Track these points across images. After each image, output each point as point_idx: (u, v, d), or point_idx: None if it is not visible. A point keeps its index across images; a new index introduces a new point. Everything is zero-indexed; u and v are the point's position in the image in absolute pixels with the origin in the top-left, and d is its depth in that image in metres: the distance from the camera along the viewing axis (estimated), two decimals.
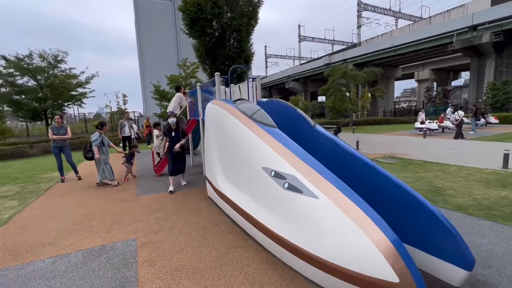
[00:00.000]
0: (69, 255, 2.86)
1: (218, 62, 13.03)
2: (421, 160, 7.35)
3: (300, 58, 55.97)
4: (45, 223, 3.77)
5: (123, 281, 2.36)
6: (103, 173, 5.71)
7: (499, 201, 3.93)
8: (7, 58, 12.81)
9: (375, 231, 1.92)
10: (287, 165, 2.66)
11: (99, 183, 5.77)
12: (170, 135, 5.11)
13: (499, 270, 2.33)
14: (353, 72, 18.28)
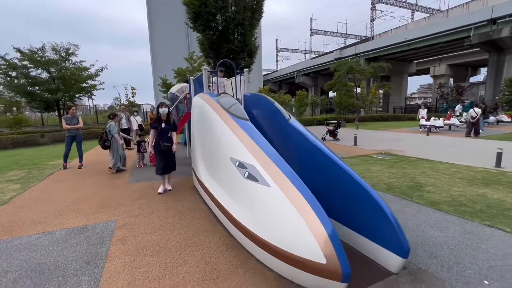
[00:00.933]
0: (54, 232, 3.17)
1: (221, 56, 13.16)
2: (415, 157, 7.30)
3: (311, 52, 55.13)
4: (40, 204, 4.13)
5: (95, 256, 2.63)
6: (118, 160, 6.10)
7: (474, 198, 3.94)
8: (21, 51, 13.46)
9: (313, 220, 2.08)
10: (250, 156, 2.82)
11: (112, 168, 6.13)
12: (160, 127, 4.40)
13: (443, 261, 2.42)
14: (359, 67, 17.95)
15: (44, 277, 2.31)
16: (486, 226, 3.08)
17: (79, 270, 2.40)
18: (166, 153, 4.47)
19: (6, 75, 13.26)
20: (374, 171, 5.78)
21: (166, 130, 4.48)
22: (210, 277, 2.26)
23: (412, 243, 2.76)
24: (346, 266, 1.87)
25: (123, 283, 2.21)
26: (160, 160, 4.47)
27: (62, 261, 2.56)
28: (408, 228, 3.10)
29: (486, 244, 2.69)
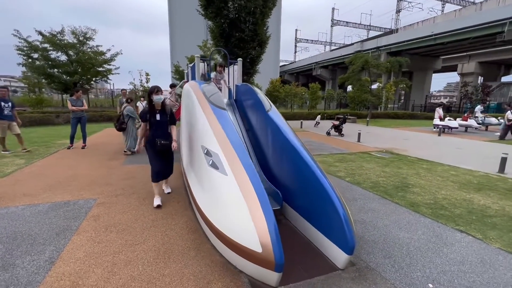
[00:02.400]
0: (38, 205, 3.42)
1: (231, 44, 13.09)
2: (416, 157, 7.04)
3: (331, 43, 53.41)
4: (35, 179, 4.44)
5: (66, 229, 2.83)
6: (132, 142, 6.41)
7: (458, 203, 3.79)
8: (43, 34, 14.10)
9: (257, 210, 2.12)
10: (217, 145, 2.88)
11: (127, 151, 6.46)
12: (153, 118, 3.30)
13: (396, 261, 2.39)
14: (375, 61, 17.19)
15: (16, 243, 2.53)
16: (457, 231, 2.98)
17: (47, 240, 2.60)
18: (163, 153, 3.47)
19: (28, 57, 14.00)
20: (366, 169, 5.66)
21: (163, 123, 3.38)
22: (162, 257, 2.38)
23: (371, 241, 2.73)
24: (280, 257, 1.90)
25: (82, 255, 2.38)
26: (156, 162, 3.43)
27: (36, 231, 2.77)
28: (376, 227, 3.06)
29: (449, 248, 2.61)
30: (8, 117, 6.15)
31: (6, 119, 6.11)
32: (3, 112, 6.04)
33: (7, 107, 6.10)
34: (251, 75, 14.27)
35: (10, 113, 6.18)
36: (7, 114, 6.11)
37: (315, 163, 2.74)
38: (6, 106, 6.08)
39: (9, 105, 6.12)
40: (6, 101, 6.10)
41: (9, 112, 6.14)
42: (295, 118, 17.57)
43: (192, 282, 2.06)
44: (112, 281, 2.04)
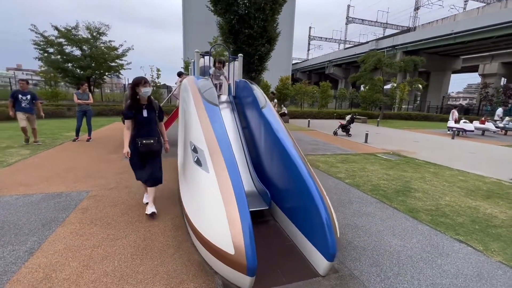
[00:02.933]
0: (32, 195, 3.47)
1: (240, 41, 13.00)
2: (424, 160, 6.74)
3: (345, 41, 52.25)
4: (35, 169, 4.54)
5: (52, 220, 2.85)
6: None
7: (462, 210, 3.56)
8: (58, 29, 14.50)
9: (233, 211, 2.04)
10: (203, 141, 2.81)
11: None
12: (140, 115, 2.81)
13: (384, 271, 2.24)
14: (388, 60, 16.60)
15: (1, 232, 2.57)
16: (456, 241, 2.78)
17: (32, 231, 2.62)
18: (149, 155, 2.91)
19: (44, 51, 14.46)
20: (369, 171, 5.45)
21: (151, 120, 2.90)
22: (140, 253, 2.34)
23: (360, 247, 2.59)
24: (252, 260, 1.81)
25: (61, 247, 2.38)
26: (141, 167, 2.94)
27: (24, 221, 2.81)
28: (368, 232, 2.91)
29: (443, 259, 2.44)
30: (26, 110, 6.16)
31: (23, 111, 6.14)
32: (21, 104, 6.10)
33: (25, 99, 6.12)
34: (259, 72, 14.14)
35: (29, 105, 6.19)
36: (25, 107, 6.14)
37: (304, 163, 2.62)
38: (24, 98, 6.10)
39: (27, 97, 6.13)
40: (25, 94, 6.12)
41: (27, 105, 6.16)
42: (303, 116, 17.31)
43: (165, 281, 2.01)
44: (84, 276, 2.02)
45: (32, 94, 6.33)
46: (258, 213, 3.14)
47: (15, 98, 6.05)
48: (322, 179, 4.76)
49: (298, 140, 9.12)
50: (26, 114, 6.22)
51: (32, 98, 6.28)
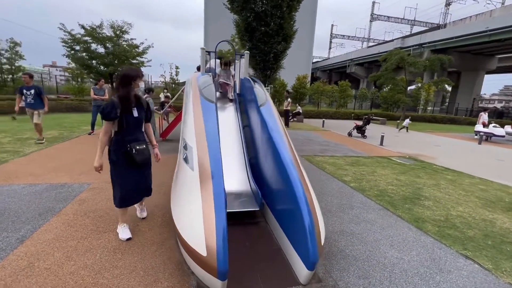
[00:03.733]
0: (37, 185, 3.64)
1: (255, 39, 12.91)
2: (443, 166, 6.28)
3: (368, 39, 50.38)
4: (47, 160, 4.77)
5: (49, 210, 2.95)
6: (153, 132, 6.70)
7: (475, 223, 3.24)
8: (85, 27, 15.24)
9: (209, 212, 1.98)
10: (194, 139, 2.77)
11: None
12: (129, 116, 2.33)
13: (372, 284, 2.07)
14: (411, 59, 15.66)
15: (1, 219, 2.69)
16: (462, 256, 2.53)
17: (28, 219, 2.73)
18: (143, 165, 2.49)
19: (71, 49, 15.28)
20: (378, 175, 5.16)
21: (139, 121, 2.47)
22: (123, 248, 2.35)
23: (352, 257, 2.43)
24: (223, 264, 1.74)
25: (51, 237, 2.45)
26: (130, 180, 2.42)
27: (24, 209, 2.94)
28: (364, 241, 2.73)
29: (443, 276, 2.21)
30: (31, 105, 5.82)
31: (28, 107, 5.84)
32: (26, 100, 5.78)
33: (29, 95, 5.74)
34: (274, 71, 13.99)
35: (33, 101, 5.80)
36: (29, 102, 5.78)
37: (293, 165, 2.49)
38: (28, 93, 5.73)
39: (31, 92, 5.74)
40: (29, 88, 5.75)
41: (31, 100, 5.77)
42: (319, 116, 16.90)
43: (140, 277, 1.99)
44: (64, 267, 2.05)
45: (37, 88, 5.89)
46: (250, 213, 3.06)
47: (22, 94, 5.78)
48: (325, 182, 4.58)
49: (308, 141, 8.93)
50: (32, 110, 5.86)
51: (37, 93, 5.83)
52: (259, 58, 13.25)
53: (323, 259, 2.36)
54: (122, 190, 2.40)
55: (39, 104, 5.94)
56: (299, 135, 10.30)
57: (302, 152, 6.97)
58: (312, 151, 7.16)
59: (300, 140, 9.06)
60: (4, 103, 10.86)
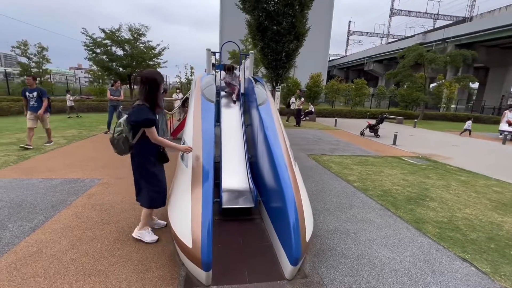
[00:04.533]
0: (53, 179, 3.93)
1: (267, 38, 12.93)
2: (458, 167, 6.02)
3: (387, 35, 48.65)
4: (64, 157, 5.12)
5: (61, 202, 3.20)
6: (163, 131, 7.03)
7: (480, 226, 3.11)
8: (105, 31, 16.00)
9: (197, 206, 2.09)
10: (191, 137, 2.89)
11: None
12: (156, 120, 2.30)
13: (358, 282, 2.08)
14: (431, 55, 14.93)
15: (18, 209, 2.96)
16: (459, 258, 2.45)
17: (42, 210, 2.98)
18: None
19: (93, 52, 16.10)
20: (385, 175, 5.05)
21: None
22: (123, 239, 2.51)
23: (341, 255, 2.44)
24: (207, 256, 1.83)
25: (60, 226, 2.66)
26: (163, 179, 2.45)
27: (39, 201, 3.20)
28: (357, 240, 2.72)
29: (435, 278, 2.17)
30: (34, 109, 5.50)
31: (31, 110, 5.52)
32: (29, 103, 5.49)
33: (32, 97, 5.44)
34: (286, 70, 13.94)
35: (37, 104, 5.50)
36: (33, 105, 5.48)
37: (285, 163, 2.53)
38: (31, 96, 5.43)
39: (33, 95, 5.43)
40: (32, 91, 5.44)
41: (34, 103, 5.47)
42: (333, 115, 16.62)
43: (134, 266, 2.13)
44: (68, 254, 2.24)
45: (40, 91, 5.57)
46: (246, 210, 3.14)
47: (25, 97, 5.50)
48: (327, 181, 4.56)
49: (318, 140, 8.86)
50: (35, 113, 5.55)
51: (39, 95, 5.53)
52: (271, 57, 13.27)
53: (312, 255, 2.39)
54: (160, 190, 2.40)
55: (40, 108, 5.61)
56: (310, 134, 10.22)
57: (310, 151, 6.94)
58: (320, 150, 7.11)
59: (310, 139, 9.01)
60: None
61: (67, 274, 1.99)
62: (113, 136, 2.26)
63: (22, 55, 15.88)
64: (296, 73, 24.42)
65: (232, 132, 4.17)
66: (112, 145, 2.29)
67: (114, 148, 2.31)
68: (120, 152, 2.32)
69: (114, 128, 2.27)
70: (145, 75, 2.21)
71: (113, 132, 2.27)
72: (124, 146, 2.25)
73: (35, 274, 1.98)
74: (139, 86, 2.25)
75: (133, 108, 2.20)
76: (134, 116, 2.17)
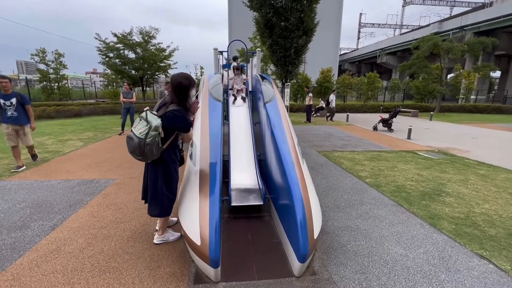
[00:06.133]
0: (71, 180, 4.10)
1: (275, 34, 12.82)
2: (477, 160, 5.77)
3: (401, 26, 47.06)
4: (81, 158, 5.32)
5: (78, 202, 3.34)
6: None
7: (500, 222, 2.98)
8: (117, 35, 16.42)
9: (205, 204, 2.13)
10: (199, 137, 2.93)
11: None
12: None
13: (369, 279, 2.05)
14: (447, 44, 14.26)
15: (39, 209, 3.12)
16: (477, 256, 2.36)
17: (60, 210, 3.12)
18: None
19: (106, 56, 16.58)
20: (398, 170, 4.92)
21: None
22: (136, 236, 2.59)
23: (352, 252, 2.41)
24: (215, 253, 1.86)
25: (77, 225, 2.78)
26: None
27: (58, 201, 3.35)
28: (368, 237, 2.67)
29: (450, 275, 2.10)
30: (12, 120, 4.36)
31: (8, 122, 4.36)
32: (6, 112, 4.32)
33: (10, 106, 4.31)
34: (295, 66, 13.79)
35: (16, 113, 4.36)
36: (11, 116, 4.33)
37: (292, 161, 2.52)
38: (8, 104, 4.30)
39: (12, 102, 4.31)
40: (7, 97, 4.30)
41: (13, 113, 4.34)
42: (345, 110, 16.31)
43: (146, 263, 2.19)
44: (85, 251, 2.34)
45: (20, 97, 4.44)
46: (255, 208, 3.15)
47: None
48: (338, 177, 4.50)
49: (329, 136, 8.73)
50: (13, 125, 4.41)
51: (20, 103, 4.42)
52: (280, 53, 13.17)
53: (322, 253, 2.38)
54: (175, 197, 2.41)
55: (24, 117, 4.49)
56: (320, 130, 10.10)
57: (321, 147, 6.86)
58: (331, 147, 7.01)
59: (320, 135, 8.90)
60: (51, 109, 12.19)
61: (83, 270, 2.08)
62: (143, 141, 1.98)
63: (40, 62, 16.56)
64: (306, 69, 24.15)
65: (241, 130, 4.19)
66: (141, 150, 2.01)
67: (142, 154, 2.04)
68: (149, 157, 2.08)
69: (146, 133, 1.98)
70: (177, 80, 2.13)
71: (142, 137, 1.98)
72: (156, 151, 2.06)
73: (54, 270, 2.08)
74: (171, 90, 2.14)
75: (174, 113, 2.07)
76: (178, 121, 2.09)
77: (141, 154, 2.04)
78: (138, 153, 2.05)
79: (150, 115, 2.05)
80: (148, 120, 2.01)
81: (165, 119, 2.09)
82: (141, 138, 1.99)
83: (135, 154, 2.08)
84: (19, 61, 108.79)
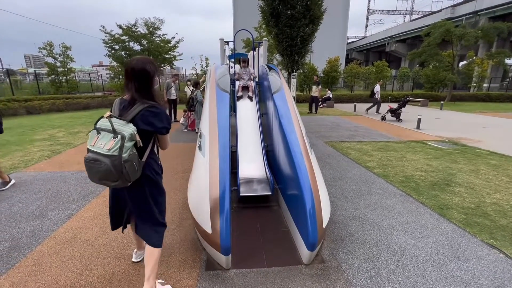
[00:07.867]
0: (82, 172, 4.20)
1: (281, 23, 12.58)
2: (488, 150, 5.66)
3: (411, 12, 45.45)
4: None
5: (91, 193, 3.43)
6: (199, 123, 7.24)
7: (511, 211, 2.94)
8: (122, 27, 16.36)
9: (215, 194, 2.16)
10: (207, 128, 2.95)
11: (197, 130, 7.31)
12: None
13: (377, 267, 2.07)
14: (458, 30, 13.72)
15: (54, 199, 3.23)
16: (486, 245, 2.35)
17: (75, 200, 3.22)
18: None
19: (112, 48, 16.60)
20: (407, 160, 4.87)
21: None
22: None
23: (360, 241, 2.43)
24: (226, 240, 1.91)
25: (91, 214, 2.88)
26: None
27: (72, 192, 3.46)
28: (377, 226, 2.69)
29: (459, 264, 2.11)
30: None
31: None
32: None
33: None
34: (302, 55, 13.57)
35: None
36: None
37: (300, 151, 2.53)
38: None
39: None
40: None
41: None
42: (352, 100, 16.06)
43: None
44: (100, 239, 2.42)
45: None
46: (264, 198, 3.19)
47: None
48: (346, 168, 4.49)
49: (336, 126, 8.66)
50: None
51: None
52: (286, 43, 12.95)
53: (330, 241, 2.41)
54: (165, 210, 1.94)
55: None
56: (327, 120, 10.01)
57: (328, 138, 6.82)
58: (338, 137, 6.96)
59: (328, 126, 8.83)
60: (60, 102, 12.38)
61: (100, 257, 2.17)
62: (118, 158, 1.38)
63: (48, 55, 16.70)
64: (313, 59, 23.71)
65: (248, 121, 4.19)
66: (118, 172, 1.39)
67: (119, 177, 1.42)
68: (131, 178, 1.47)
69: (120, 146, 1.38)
70: (140, 65, 1.52)
71: (116, 154, 1.37)
72: (138, 167, 1.50)
73: (72, 257, 2.17)
74: (131, 79, 1.54)
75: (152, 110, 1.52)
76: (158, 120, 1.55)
77: (119, 177, 1.41)
78: (114, 178, 1.41)
79: (116, 122, 1.44)
80: (116, 130, 1.40)
81: (141, 121, 1.50)
82: (113, 155, 1.37)
83: (107, 181, 1.43)
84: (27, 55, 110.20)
